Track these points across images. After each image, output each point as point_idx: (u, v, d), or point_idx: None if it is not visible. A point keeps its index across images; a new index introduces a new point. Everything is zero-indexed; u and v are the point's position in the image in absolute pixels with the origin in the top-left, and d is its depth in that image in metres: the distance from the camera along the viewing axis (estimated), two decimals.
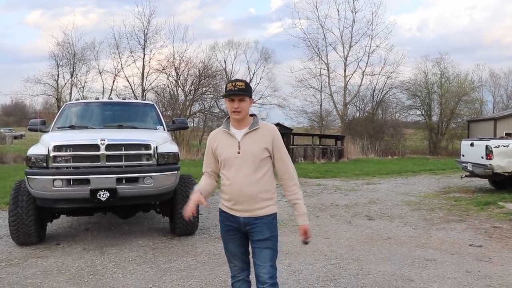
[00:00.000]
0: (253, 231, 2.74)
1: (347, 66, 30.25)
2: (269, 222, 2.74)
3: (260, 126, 2.77)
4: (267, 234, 2.73)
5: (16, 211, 5.38)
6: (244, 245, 2.85)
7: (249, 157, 2.69)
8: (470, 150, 10.86)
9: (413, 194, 10.50)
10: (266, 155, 2.73)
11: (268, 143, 2.73)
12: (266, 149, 2.72)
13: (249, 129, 2.75)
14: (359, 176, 14.59)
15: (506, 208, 8.28)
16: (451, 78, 31.70)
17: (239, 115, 2.71)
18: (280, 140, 2.80)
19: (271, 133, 2.77)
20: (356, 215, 7.79)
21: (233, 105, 2.69)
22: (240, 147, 2.72)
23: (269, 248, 2.74)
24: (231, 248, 2.85)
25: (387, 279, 4.46)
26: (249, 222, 2.73)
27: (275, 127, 2.84)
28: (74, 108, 7.30)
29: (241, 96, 2.68)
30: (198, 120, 31.51)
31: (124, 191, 5.37)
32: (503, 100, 40.02)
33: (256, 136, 2.74)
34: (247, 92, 2.71)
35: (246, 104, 2.72)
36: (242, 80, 2.78)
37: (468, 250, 5.53)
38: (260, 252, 2.73)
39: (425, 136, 31.76)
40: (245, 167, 2.69)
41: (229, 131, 2.78)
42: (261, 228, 2.72)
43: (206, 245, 5.67)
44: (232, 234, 2.81)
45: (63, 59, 26.97)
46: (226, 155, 2.74)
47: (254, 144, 2.71)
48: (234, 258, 2.86)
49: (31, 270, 4.73)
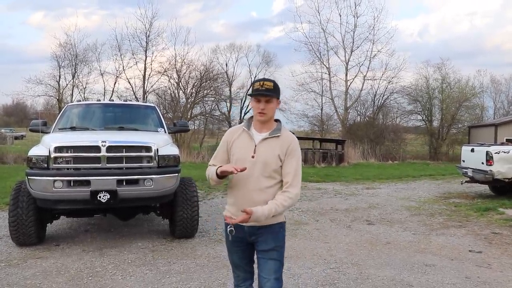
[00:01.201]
0: (257, 241, 2.62)
1: (348, 71, 30.25)
2: (275, 231, 2.61)
3: (282, 134, 2.61)
4: (272, 244, 2.60)
5: (16, 212, 5.38)
6: (247, 257, 2.74)
7: (262, 164, 2.54)
8: (470, 155, 10.86)
9: (413, 199, 10.49)
10: (279, 164, 2.57)
11: (281, 151, 2.57)
12: (278, 157, 2.56)
13: (269, 135, 2.60)
14: (359, 180, 14.58)
15: (506, 214, 8.27)
16: (452, 84, 31.76)
17: (263, 117, 2.56)
18: (295, 151, 2.61)
19: (289, 142, 2.60)
20: (355, 220, 7.78)
21: (259, 106, 2.54)
22: (255, 151, 2.57)
23: (274, 259, 2.61)
24: (234, 258, 2.76)
25: (386, 284, 4.46)
26: (254, 232, 2.59)
27: (295, 138, 2.67)
28: (75, 110, 7.31)
29: (268, 97, 2.53)
30: (199, 122, 31.63)
31: (124, 193, 5.37)
32: (504, 106, 40.04)
33: (274, 144, 2.58)
34: (275, 93, 2.55)
35: (272, 106, 2.57)
36: (271, 79, 2.59)
37: (467, 256, 5.52)
38: (264, 264, 2.61)
39: (425, 141, 31.77)
40: (257, 173, 2.54)
41: (249, 131, 2.63)
42: (266, 237, 2.59)
43: (206, 248, 5.67)
44: (236, 245, 2.68)
45: (65, 60, 27.12)
46: (239, 156, 2.60)
47: (270, 152, 2.56)
48: (237, 268, 2.78)
49: (31, 270, 4.73)
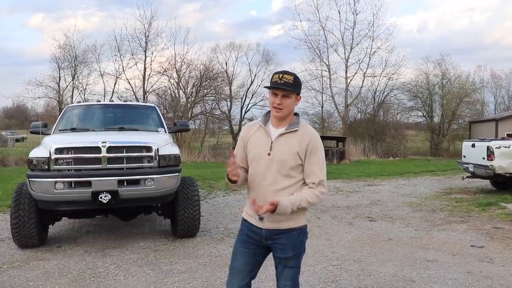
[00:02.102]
0: (274, 247, 2.46)
1: (348, 68, 30.28)
2: (294, 238, 2.44)
3: (300, 129, 2.42)
4: (290, 253, 2.44)
5: (18, 214, 5.39)
6: (253, 264, 2.52)
7: (278, 161, 2.37)
8: (471, 151, 10.86)
9: (415, 195, 10.49)
10: (297, 162, 2.38)
11: (301, 149, 2.37)
12: (297, 154, 2.37)
13: (286, 130, 2.41)
14: (361, 177, 14.58)
15: (508, 209, 8.27)
16: (452, 79, 31.77)
17: (279, 113, 2.37)
18: (317, 148, 2.41)
19: (310, 138, 2.39)
20: (357, 217, 7.78)
21: (275, 100, 2.36)
22: (272, 148, 2.40)
23: (292, 267, 2.48)
24: (237, 263, 2.52)
25: (389, 280, 4.46)
26: (271, 237, 2.44)
27: (316, 133, 2.46)
28: (75, 111, 7.32)
29: (286, 92, 2.34)
30: (200, 122, 31.70)
31: (125, 193, 5.38)
32: (505, 101, 39.99)
33: (292, 139, 2.39)
34: (294, 88, 2.36)
35: (290, 102, 2.38)
36: (291, 73, 2.38)
37: (469, 251, 5.53)
38: (282, 270, 2.50)
39: (426, 138, 31.80)
40: (274, 171, 2.38)
41: (265, 127, 2.46)
42: (284, 245, 2.43)
43: (208, 247, 5.68)
44: (247, 246, 2.50)
45: (64, 62, 27.26)
46: (255, 153, 2.45)
47: (287, 148, 2.37)
48: (234, 276, 2.52)
49: (33, 272, 4.74)
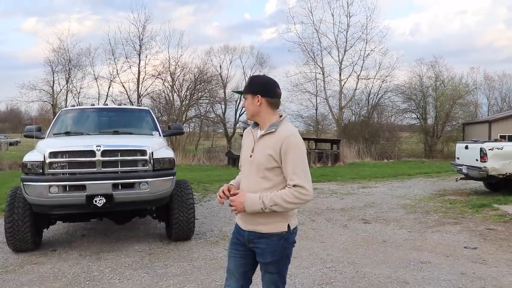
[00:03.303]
0: (255, 251, 2.48)
1: (342, 70, 30.38)
2: (273, 244, 2.41)
3: (277, 130, 2.40)
4: (268, 259, 2.43)
5: (12, 218, 5.37)
6: (244, 266, 2.53)
7: (256, 163, 2.41)
8: (465, 152, 10.93)
9: (409, 197, 10.55)
10: (273, 164, 2.36)
11: (274, 151, 2.35)
12: (271, 156, 2.35)
13: (265, 132, 2.43)
14: (355, 179, 14.63)
15: (501, 210, 8.34)
16: (445, 81, 31.96)
17: (247, 115, 2.56)
18: (290, 148, 2.33)
19: (282, 140, 2.34)
20: (351, 219, 7.82)
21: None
22: (253, 150, 2.46)
23: (271, 273, 2.46)
24: (230, 265, 2.57)
25: (383, 282, 4.49)
26: (252, 239, 2.45)
27: (292, 133, 2.39)
28: (70, 114, 7.31)
29: (244, 95, 2.53)
30: (194, 125, 31.73)
31: (120, 197, 5.38)
32: (498, 103, 40.33)
33: (268, 141, 2.40)
34: (247, 90, 2.48)
35: (248, 103, 2.49)
36: (253, 76, 2.60)
37: (463, 252, 5.57)
38: (263, 275, 2.52)
39: (420, 139, 31.95)
40: (253, 173, 2.43)
41: (254, 130, 2.55)
42: (263, 250, 2.43)
43: (202, 250, 5.69)
44: (235, 248, 2.55)
45: (58, 65, 27.20)
46: (242, 157, 2.57)
47: (262, 150, 2.40)
48: (230, 277, 2.57)
49: (27, 276, 4.72)
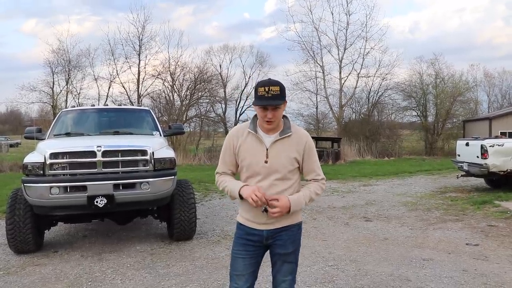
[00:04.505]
0: (275, 244, 2.51)
1: (342, 69, 30.26)
2: (293, 234, 2.52)
3: (293, 133, 2.44)
4: (290, 248, 2.52)
5: (13, 219, 5.37)
6: (254, 265, 2.54)
7: (277, 167, 2.40)
8: (465, 149, 10.93)
9: (410, 194, 10.54)
10: (295, 166, 2.45)
11: (298, 153, 2.44)
12: (295, 159, 2.43)
13: (280, 136, 2.42)
14: (356, 178, 14.63)
15: (502, 207, 8.33)
16: (445, 79, 31.86)
17: (271, 125, 2.39)
18: (312, 150, 2.50)
19: (305, 141, 2.46)
20: (353, 217, 7.82)
21: (265, 114, 2.33)
22: (268, 155, 2.40)
23: (291, 262, 2.55)
24: (239, 265, 2.52)
25: (385, 279, 4.49)
26: (272, 235, 2.49)
27: (308, 135, 2.53)
28: (70, 115, 7.30)
29: (276, 105, 2.31)
30: (195, 125, 31.67)
31: (121, 197, 5.38)
32: (498, 100, 40.35)
33: (288, 145, 2.42)
34: (283, 99, 2.33)
35: (281, 111, 2.38)
36: (276, 82, 2.33)
37: (464, 249, 5.57)
38: (281, 266, 2.54)
39: (421, 137, 31.88)
40: (272, 177, 2.41)
41: (256, 134, 2.45)
42: (285, 241, 2.49)
43: (204, 250, 5.69)
44: (247, 249, 2.51)
45: (58, 66, 27.08)
46: (250, 161, 2.44)
47: (284, 154, 2.40)
48: (238, 278, 2.52)
49: (29, 278, 4.72)
